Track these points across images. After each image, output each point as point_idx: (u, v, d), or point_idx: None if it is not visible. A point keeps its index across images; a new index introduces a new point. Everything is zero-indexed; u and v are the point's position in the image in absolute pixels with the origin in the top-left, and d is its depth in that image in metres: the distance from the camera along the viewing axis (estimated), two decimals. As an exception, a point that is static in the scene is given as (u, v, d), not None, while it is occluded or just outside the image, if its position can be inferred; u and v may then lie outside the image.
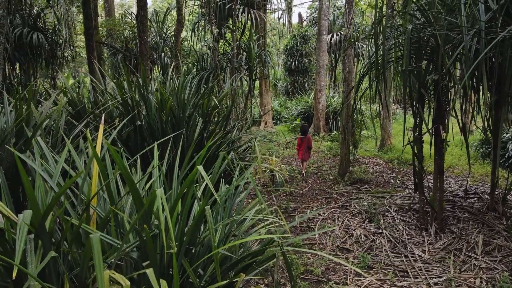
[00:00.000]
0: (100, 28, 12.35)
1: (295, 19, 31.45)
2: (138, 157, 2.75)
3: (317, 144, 11.35)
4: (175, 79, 4.46)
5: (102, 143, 2.36)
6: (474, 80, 5.01)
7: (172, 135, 2.95)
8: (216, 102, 3.40)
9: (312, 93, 17.25)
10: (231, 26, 10.43)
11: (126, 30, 12.09)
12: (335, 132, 12.60)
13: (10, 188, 2.58)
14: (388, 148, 9.40)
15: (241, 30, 10.77)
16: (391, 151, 9.21)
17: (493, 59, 4.60)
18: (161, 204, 1.40)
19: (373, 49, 4.74)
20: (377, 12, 4.60)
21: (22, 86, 9.47)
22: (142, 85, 3.67)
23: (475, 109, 5.24)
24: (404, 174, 7.47)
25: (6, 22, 5.79)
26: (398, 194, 6.15)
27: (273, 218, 1.93)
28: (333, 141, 11.99)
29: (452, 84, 4.81)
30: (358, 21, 19.47)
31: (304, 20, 27.99)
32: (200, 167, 1.51)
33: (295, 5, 30.85)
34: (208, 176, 2.43)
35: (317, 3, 29.84)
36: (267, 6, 12.17)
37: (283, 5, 29.00)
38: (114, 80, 3.62)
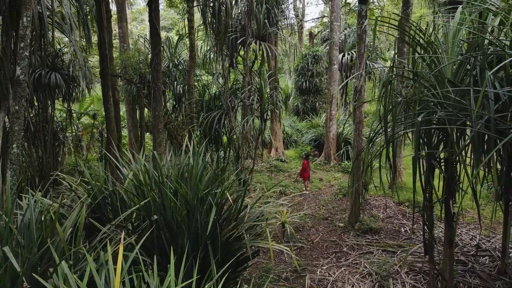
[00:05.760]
0: (115, 60, 12.64)
1: (306, 28, 31.57)
2: (155, 259, 2.89)
3: (327, 177, 11.39)
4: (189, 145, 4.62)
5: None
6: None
7: (187, 242, 3.09)
8: (229, 197, 3.52)
9: (323, 115, 17.29)
10: (242, 55, 10.61)
11: (140, 64, 12.34)
12: (346, 162, 12.62)
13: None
14: (399, 186, 9.40)
15: (252, 61, 10.96)
16: (401, 190, 9.21)
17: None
18: None
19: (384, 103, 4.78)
20: (388, 76, 4.69)
21: (40, 122, 9.78)
22: (158, 173, 3.81)
23: (487, 172, 5.29)
24: (415, 221, 7.47)
25: (28, 83, 6.03)
26: (408, 247, 6.17)
27: None
28: (344, 172, 12.02)
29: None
30: (369, 40, 19.52)
31: (315, 36, 28.07)
32: None
33: (306, 21, 31.00)
34: None
35: (325, 19, 29.81)
36: (278, 37, 12.27)
37: (294, 20, 29.14)
38: (131, 177, 3.78)
